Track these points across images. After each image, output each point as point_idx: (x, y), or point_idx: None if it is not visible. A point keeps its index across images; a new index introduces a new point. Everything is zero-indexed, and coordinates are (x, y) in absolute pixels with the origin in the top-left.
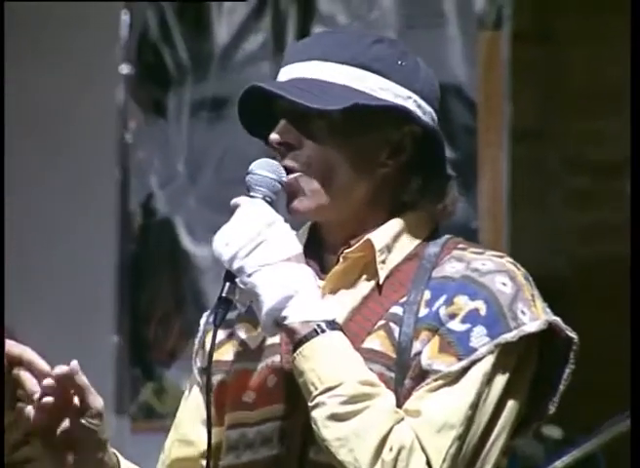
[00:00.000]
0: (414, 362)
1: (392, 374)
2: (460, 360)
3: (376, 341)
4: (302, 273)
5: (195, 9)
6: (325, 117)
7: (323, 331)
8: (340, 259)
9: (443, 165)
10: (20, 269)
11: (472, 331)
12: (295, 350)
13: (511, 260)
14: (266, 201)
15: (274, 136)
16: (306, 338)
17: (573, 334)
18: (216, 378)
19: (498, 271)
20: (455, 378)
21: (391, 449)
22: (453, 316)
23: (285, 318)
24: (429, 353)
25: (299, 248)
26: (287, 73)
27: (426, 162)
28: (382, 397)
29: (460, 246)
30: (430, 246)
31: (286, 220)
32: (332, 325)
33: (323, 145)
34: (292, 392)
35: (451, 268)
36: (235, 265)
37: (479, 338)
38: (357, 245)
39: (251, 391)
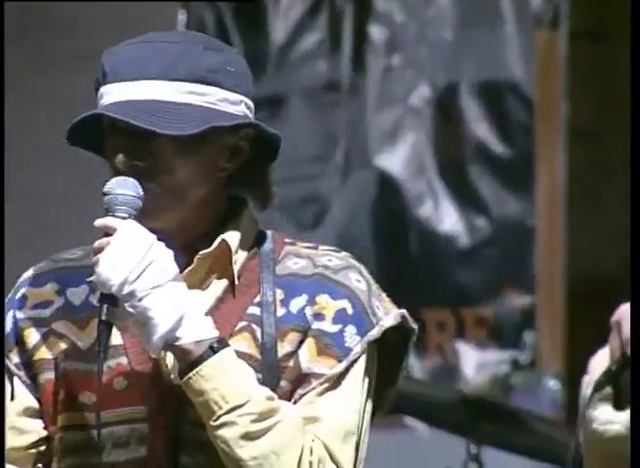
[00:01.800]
0: (285, 363)
1: (260, 376)
2: (340, 361)
3: (242, 343)
4: (186, 291)
5: (251, 8)
6: (164, 136)
7: (217, 349)
8: (195, 261)
9: (272, 158)
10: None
11: (345, 331)
12: (187, 370)
13: (346, 253)
14: (132, 218)
15: (121, 158)
16: (202, 358)
17: (414, 326)
18: (42, 377)
19: (347, 267)
20: (337, 380)
21: (311, 464)
22: (321, 317)
23: (178, 338)
24: (308, 356)
25: (176, 265)
26: (121, 93)
27: (259, 157)
28: (285, 409)
29: (287, 240)
30: (263, 242)
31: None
32: (221, 342)
33: (168, 160)
34: (146, 395)
35: (294, 265)
36: (126, 290)
37: (352, 338)
38: (214, 246)
39: (89, 392)
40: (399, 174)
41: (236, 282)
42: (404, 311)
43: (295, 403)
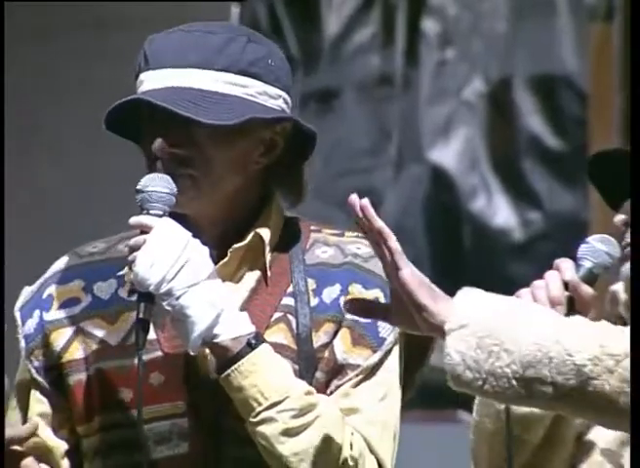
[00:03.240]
0: (321, 354)
1: (297, 366)
2: (374, 352)
3: (279, 335)
4: (223, 288)
5: (304, 1)
6: (205, 125)
7: (255, 345)
8: (228, 254)
9: (307, 155)
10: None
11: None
12: (226, 367)
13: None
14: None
15: (159, 144)
16: (240, 355)
17: None
18: (72, 379)
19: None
20: (372, 371)
21: (352, 458)
22: None
23: (216, 336)
24: (343, 347)
25: (211, 263)
26: (162, 79)
27: (294, 153)
28: (324, 403)
29: (313, 227)
30: (291, 231)
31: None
32: (258, 338)
33: (206, 148)
34: (184, 389)
35: (323, 254)
36: (163, 288)
37: (385, 328)
38: (248, 239)
39: (126, 389)
40: (452, 168)
41: (268, 273)
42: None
43: (330, 394)
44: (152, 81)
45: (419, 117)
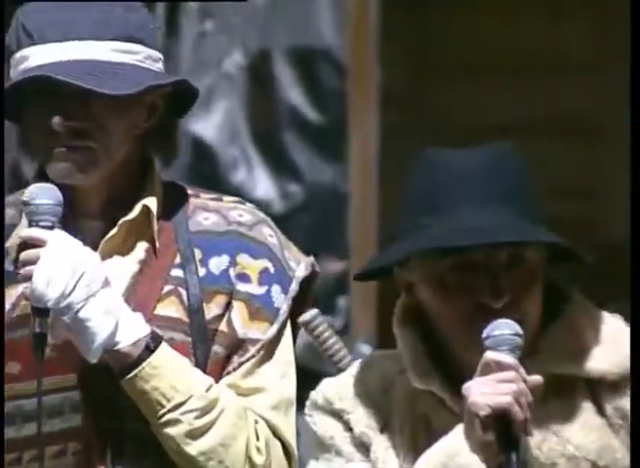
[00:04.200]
0: (213, 325)
1: (190, 339)
2: (272, 324)
3: (170, 308)
4: (116, 293)
5: None
6: (103, 96)
7: (154, 348)
8: (117, 227)
9: (183, 112)
10: None
11: (271, 291)
12: (127, 372)
13: (251, 205)
14: (56, 227)
15: (57, 120)
16: (141, 359)
17: (318, 270)
18: None
19: (259, 222)
20: (273, 345)
21: (258, 449)
22: (246, 278)
23: (116, 343)
24: (241, 322)
25: (103, 267)
26: (53, 53)
27: (170, 112)
28: (225, 396)
29: (190, 192)
30: (172, 198)
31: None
32: (155, 338)
33: (104, 121)
34: (76, 362)
35: (205, 221)
36: (62, 303)
37: (279, 298)
38: (137, 212)
39: (18, 362)
40: (213, 139)
41: (157, 244)
42: (312, 258)
43: (233, 370)
44: (41, 56)
45: None
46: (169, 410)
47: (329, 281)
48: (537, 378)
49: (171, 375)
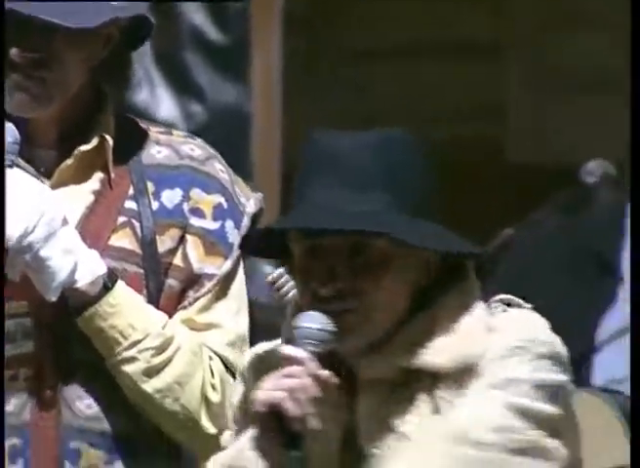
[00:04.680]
0: (167, 259)
1: (142, 271)
2: (226, 258)
3: (124, 240)
4: (74, 232)
5: None
6: (64, 28)
7: (111, 286)
8: (73, 157)
9: (139, 42)
10: None
11: (225, 226)
12: (84, 310)
13: (200, 139)
14: (16, 165)
15: (16, 51)
16: (98, 297)
17: (263, 205)
18: None
19: (210, 157)
20: (228, 279)
21: (213, 386)
22: (200, 213)
23: (75, 282)
24: (197, 257)
25: (62, 206)
26: None
27: (124, 42)
28: (180, 333)
29: (142, 125)
30: (126, 131)
31: None
32: (111, 276)
33: (61, 53)
34: (28, 289)
35: (158, 154)
36: (24, 243)
37: (233, 233)
38: (94, 143)
39: None
40: None
41: (112, 175)
42: (260, 194)
43: (189, 305)
44: None
45: None
46: (125, 348)
47: None
48: (325, 373)
49: (128, 313)
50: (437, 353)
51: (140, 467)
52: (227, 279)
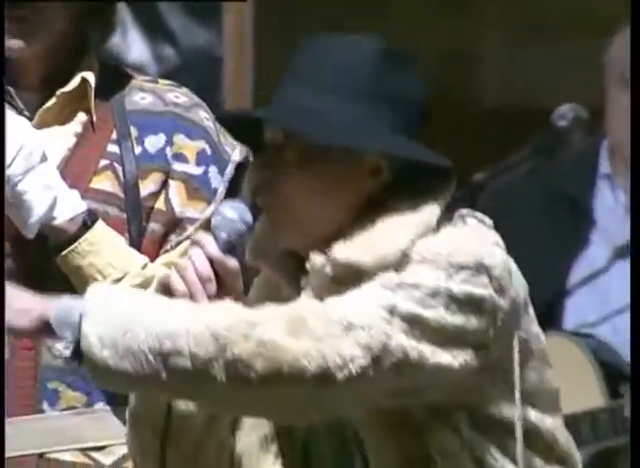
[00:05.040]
0: (149, 202)
1: (124, 215)
2: (209, 203)
3: (106, 182)
4: (54, 168)
5: None
6: None
7: (91, 224)
8: (54, 98)
9: None
10: None
11: (209, 172)
12: (63, 248)
13: (186, 88)
14: None
15: None
16: (77, 235)
17: (250, 158)
18: None
19: (195, 105)
20: (210, 224)
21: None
22: (183, 158)
23: (53, 218)
24: (179, 201)
25: (42, 142)
26: None
27: None
28: (160, 273)
29: (128, 71)
30: (109, 75)
31: None
32: (92, 215)
33: None
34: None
35: (142, 100)
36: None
37: (216, 179)
38: (75, 83)
39: None
40: None
41: (94, 118)
42: (245, 147)
43: (171, 248)
44: None
45: None
46: None
47: None
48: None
49: (107, 252)
50: (362, 250)
51: (120, 411)
52: (209, 223)
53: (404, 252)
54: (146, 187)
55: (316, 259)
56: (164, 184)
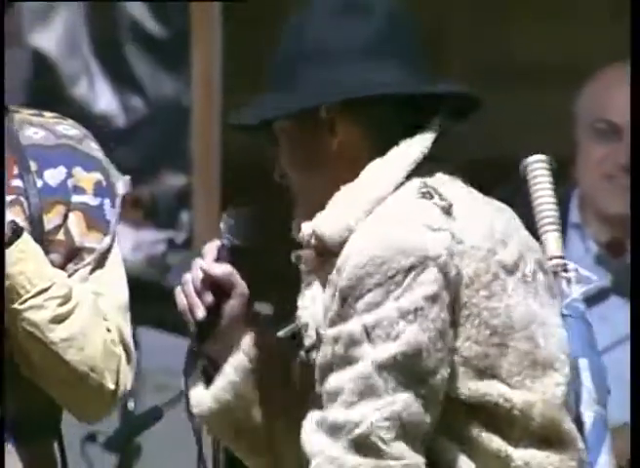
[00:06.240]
0: (53, 236)
1: None
2: (105, 235)
3: (16, 218)
4: None
5: None
6: None
7: (20, 232)
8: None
9: None
10: None
11: (104, 204)
12: None
13: (70, 119)
14: None
15: None
16: (9, 243)
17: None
18: None
19: (85, 136)
20: (106, 253)
21: (112, 341)
22: (81, 190)
23: None
24: (79, 230)
25: None
26: None
27: None
28: (77, 287)
29: (12, 108)
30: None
31: None
32: (17, 224)
33: None
34: None
35: (35, 135)
36: None
37: (110, 211)
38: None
39: None
40: (53, 52)
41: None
42: (127, 177)
43: (69, 277)
44: None
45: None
46: (33, 296)
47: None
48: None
49: (35, 262)
50: (325, 222)
51: (28, 449)
52: (106, 253)
53: (351, 229)
54: (51, 221)
55: (305, 228)
56: (66, 216)
